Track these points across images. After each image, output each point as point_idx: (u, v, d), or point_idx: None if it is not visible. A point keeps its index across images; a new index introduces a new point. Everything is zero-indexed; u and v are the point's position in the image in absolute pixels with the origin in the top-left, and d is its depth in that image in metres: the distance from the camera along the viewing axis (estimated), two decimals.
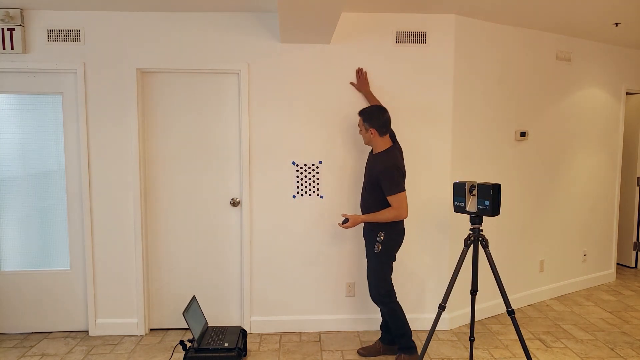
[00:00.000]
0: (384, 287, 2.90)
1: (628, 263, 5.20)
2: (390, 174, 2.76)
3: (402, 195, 2.77)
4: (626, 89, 4.57)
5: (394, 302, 2.91)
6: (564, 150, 4.16)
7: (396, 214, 2.78)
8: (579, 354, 3.12)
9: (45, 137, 3.35)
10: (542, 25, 3.69)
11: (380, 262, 2.88)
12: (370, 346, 3.14)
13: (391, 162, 2.78)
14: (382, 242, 2.86)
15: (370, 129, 2.86)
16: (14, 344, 3.28)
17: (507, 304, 2.52)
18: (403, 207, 2.78)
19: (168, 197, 3.42)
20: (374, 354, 3.11)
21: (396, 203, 2.77)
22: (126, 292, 3.42)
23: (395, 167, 2.78)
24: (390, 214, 2.79)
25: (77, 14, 3.22)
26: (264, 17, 3.28)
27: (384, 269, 2.89)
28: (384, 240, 2.86)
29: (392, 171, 2.76)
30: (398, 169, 2.79)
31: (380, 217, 2.81)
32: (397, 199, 2.76)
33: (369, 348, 3.12)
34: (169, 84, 3.35)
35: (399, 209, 2.77)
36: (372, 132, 2.86)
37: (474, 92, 3.54)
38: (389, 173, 2.76)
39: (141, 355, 3.11)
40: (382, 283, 2.89)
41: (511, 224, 3.87)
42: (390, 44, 3.34)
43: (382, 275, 2.89)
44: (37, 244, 3.42)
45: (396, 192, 2.76)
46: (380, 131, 2.85)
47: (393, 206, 2.78)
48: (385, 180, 2.77)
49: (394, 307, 2.90)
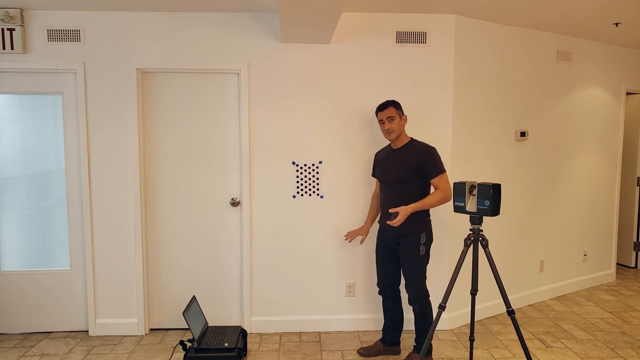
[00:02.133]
0: (424, 287, 2.89)
1: (628, 263, 5.20)
2: (433, 155, 2.80)
3: (446, 175, 2.81)
4: (626, 89, 4.57)
5: (428, 303, 2.91)
6: (564, 150, 4.16)
7: (445, 195, 2.78)
8: (579, 354, 3.12)
9: (45, 137, 3.35)
10: (542, 25, 3.69)
11: (422, 264, 2.87)
12: (370, 346, 3.13)
13: (427, 146, 2.83)
14: (425, 243, 2.85)
15: (404, 115, 2.91)
16: (14, 344, 3.28)
17: (507, 304, 2.52)
18: (449, 187, 2.80)
19: (168, 197, 3.42)
20: (374, 354, 3.10)
21: (443, 184, 2.79)
22: (126, 292, 3.42)
23: (434, 148, 2.83)
24: (440, 196, 2.78)
25: (77, 14, 3.22)
26: (264, 17, 3.28)
27: (424, 270, 2.88)
28: (426, 241, 2.86)
29: (434, 152, 2.81)
30: (436, 149, 2.84)
31: (430, 201, 2.78)
32: (444, 180, 2.80)
33: (369, 348, 3.12)
34: (169, 84, 3.35)
35: (447, 189, 2.79)
36: (405, 117, 2.91)
37: (474, 92, 3.54)
38: (432, 155, 2.79)
39: (141, 355, 3.11)
40: (423, 284, 2.88)
41: (511, 224, 3.87)
42: (390, 44, 3.34)
43: (424, 275, 2.88)
44: (37, 244, 3.42)
45: (442, 172, 2.79)
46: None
47: (441, 187, 2.79)
48: (430, 163, 2.78)
49: (427, 308, 2.90)
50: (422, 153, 2.80)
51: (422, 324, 2.90)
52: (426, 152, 2.80)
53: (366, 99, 3.37)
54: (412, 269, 2.85)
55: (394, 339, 3.11)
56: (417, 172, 2.82)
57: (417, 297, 2.87)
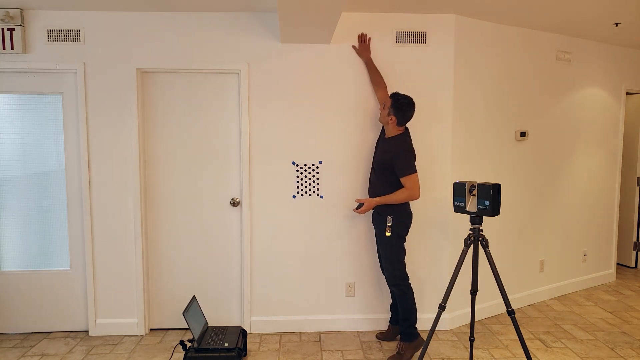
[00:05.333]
0: (399, 269, 3.01)
1: (628, 263, 5.20)
2: (404, 156, 2.88)
3: (414, 177, 2.89)
4: (626, 89, 4.56)
5: (406, 285, 3.03)
6: (564, 150, 4.16)
7: (409, 194, 2.89)
8: (579, 354, 3.12)
9: (45, 137, 3.35)
10: (542, 25, 3.69)
11: (392, 246, 2.98)
12: (386, 331, 3.36)
13: (404, 146, 2.91)
14: (391, 226, 2.95)
15: (393, 116, 2.95)
16: (14, 344, 3.28)
17: (507, 304, 2.52)
18: (416, 187, 2.89)
19: (168, 197, 3.42)
20: (389, 338, 3.32)
21: (409, 183, 2.88)
22: (126, 292, 3.42)
23: (408, 150, 2.91)
24: (403, 195, 2.89)
25: (77, 14, 3.22)
26: (264, 17, 3.28)
27: (396, 252, 2.99)
28: (393, 224, 2.95)
29: (405, 154, 2.88)
30: (410, 151, 2.92)
31: (394, 198, 2.91)
32: (411, 180, 2.88)
33: (385, 333, 3.35)
34: (169, 84, 3.35)
35: (412, 189, 2.88)
36: (392, 119, 2.96)
37: (474, 92, 3.54)
38: (402, 155, 2.88)
39: (141, 355, 3.11)
40: (397, 265, 3.00)
41: (511, 224, 3.87)
42: (390, 44, 3.33)
43: (396, 258, 3.00)
44: (37, 244, 3.42)
45: (409, 173, 2.87)
46: (400, 122, 2.97)
47: (406, 187, 2.89)
48: (399, 162, 2.88)
49: (406, 290, 3.02)
50: (395, 153, 2.90)
51: (403, 306, 3.02)
52: (398, 152, 2.90)
53: (366, 99, 3.36)
54: (384, 251, 3.02)
55: (397, 318, 3.29)
56: (389, 168, 2.94)
57: (393, 278, 3.01)
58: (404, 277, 3.02)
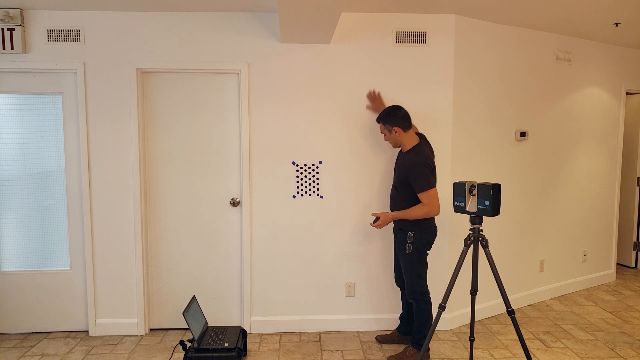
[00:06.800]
0: (417, 283, 2.93)
1: (628, 263, 5.20)
2: (419, 170, 2.78)
3: (432, 192, 2.79)
4: (626, 89, 4.57)
5: (424, 300, 2.95)
6: (564, 150, 4.16)
7: (427, 211, 2.80)
8: (579, 354, 3.12)
9: (45, 137, 3.35)
10: (542, 25, 3.69)
11: (412, 262, 2.91)
12: (388, 334, 3.31)
13: (420, 159, 2.81)
14: (412, 242, 2.89)
15: (393, 127, 2.90)
16: (14, 344, 3.28)
17: (507, 304, 2.52)
18: (434, 203, 2.79)
19: (168, 197, 3.42)
20: (390, 342, 3.27)
21: (426, 199, 2.79)
22: (126, 292, 3.42)
23: (424, 163, 2.79)
24: (421, 211, 2.80)
25: (77, 14, 3.22)
26: (264, 17, 3.28)
27: (416, 268, 2.92)
28: (414, 240, 2.88)
29: (420, 168, 2.78)
30: (427, 165, 2.80)
31: (411, 213, 2.83)
32: (427, 196, 2.78)
33: (387, 336, 3.30)
34: (169, 84, 3.35)
35: (430, 205, 2.79)
36: (396, 130, 2.89)
37: (474, 92, 3.54)
38: (418, 169, 2.78)
39: (141, 355, 3.11)
40: (415, 279, 2.93)
41: (511, 224, 3.87)
42: (390, 44, 3.33)
43: (415, 273, 2.93)
44: (37, 244, 3.42)
45: (426, 188, 2.78)
46: (403, 126, 2.90)
47: (423, 202, 2.80)
48: (415, 177, 2.79)
49: (423, 305, 2.95)
50: (409, 168, 2.81)
51: (419, 320, 2.97)
52: (412, 166, 2.80)
53: (366, 99, 3.36)
54: (404, 265, 2.96)
55: (407, 329, 3.25)
56: (407, 183, 2.87)
57: (412, 292, 2.95)
58: (422, 291, 2.93)
